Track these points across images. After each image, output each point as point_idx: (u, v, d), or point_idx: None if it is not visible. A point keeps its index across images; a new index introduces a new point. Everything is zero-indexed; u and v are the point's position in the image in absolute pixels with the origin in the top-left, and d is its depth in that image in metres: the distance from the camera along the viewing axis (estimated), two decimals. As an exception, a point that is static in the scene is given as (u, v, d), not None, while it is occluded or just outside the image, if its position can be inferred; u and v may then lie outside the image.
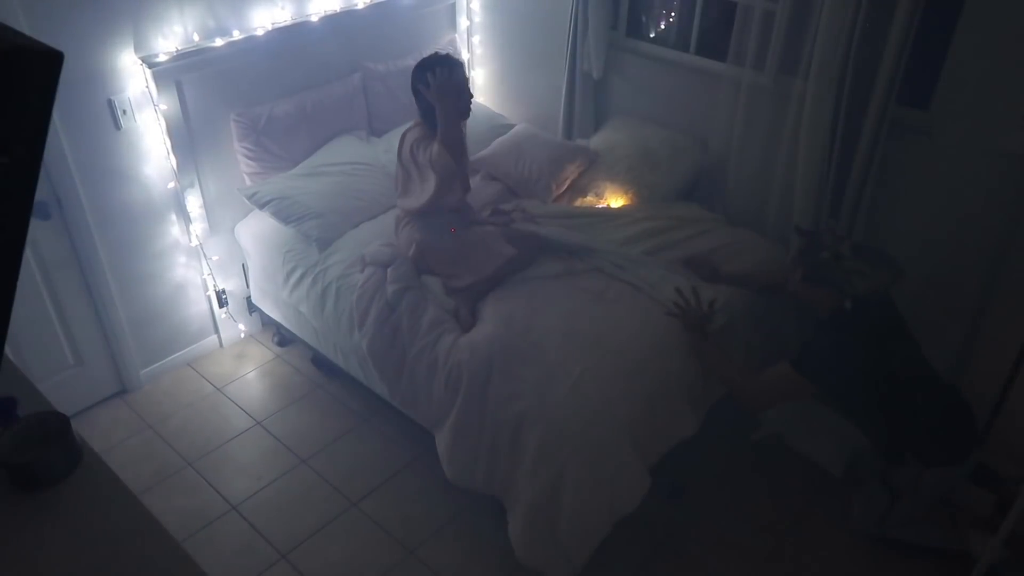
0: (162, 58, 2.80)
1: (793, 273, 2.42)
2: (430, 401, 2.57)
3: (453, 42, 3.78)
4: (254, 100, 3.13)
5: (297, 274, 3.01)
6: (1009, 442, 2.72)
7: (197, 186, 3.10)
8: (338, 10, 3.28)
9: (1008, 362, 2.54)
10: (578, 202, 3.28)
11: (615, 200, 3.24)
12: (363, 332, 2.72)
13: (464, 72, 2.78)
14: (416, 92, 2.67)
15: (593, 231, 2.99)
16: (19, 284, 1.06)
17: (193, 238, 3.18)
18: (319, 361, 3.32)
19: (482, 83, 4.00)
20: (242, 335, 3.54)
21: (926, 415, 2.33)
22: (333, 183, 3.13)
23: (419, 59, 2.73)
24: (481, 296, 2.69)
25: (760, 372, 2.42)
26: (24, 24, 2.46)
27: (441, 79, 2.54)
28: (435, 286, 2.71)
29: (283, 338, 3.50)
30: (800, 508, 2.70)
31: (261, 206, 3.06)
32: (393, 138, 3.09)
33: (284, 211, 3.01)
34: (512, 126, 3.69)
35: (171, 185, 3.04)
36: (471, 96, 2.72)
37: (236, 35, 2.99)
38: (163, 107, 2.87)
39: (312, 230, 2.99)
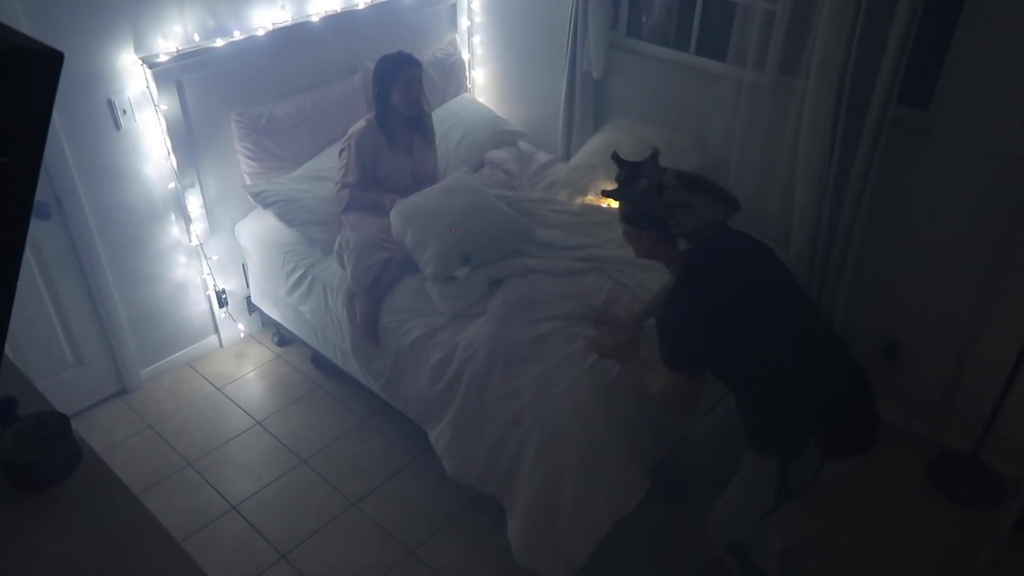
0: (162, 58, 2.80)
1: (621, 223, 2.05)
2: (421, 397, 2.58)
3: (453, 42, 3.78)
4: (254, 100, 3.13)
5: (297, 274, 3.01)
6: (1009, 442, 2.72)
7: (197, 186, 3.10)
8: (338, 10, 3.28)
9: (1008, 362, 2.54)
10: (578, 201, 3.27)
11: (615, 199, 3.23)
12: (352, 333, 2.73)
13: (419, 71, 2.94)
14: (378, 90, 2.90)
15: (594, 231, 2.99)
16: (19, 284, 1.06)
17: (193, 238, 3.18)
18: (319, 361, 3.32)
19: (482, 83, 4.00)
20: (242, 335, 3.54)
21: (829, 390, 1.91)
22: None
23: (418, 59, 2.90)
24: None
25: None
26: (24, 24, 2.46)
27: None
28: (433, 292, 2.71)
29: (283, 338, 3.50)
30: (800, 510, 2.69)
31: (266, 206, 3.05)
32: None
33: (289, 214, 3.01)
34: (513, 131, 3.70)
35: (171, 185, 3.04)
36: (420, 91, 2.94)
37: (236, 35, 2.99)
38: (163, 107, 2.87)
39: (318, 235, 3.00)
